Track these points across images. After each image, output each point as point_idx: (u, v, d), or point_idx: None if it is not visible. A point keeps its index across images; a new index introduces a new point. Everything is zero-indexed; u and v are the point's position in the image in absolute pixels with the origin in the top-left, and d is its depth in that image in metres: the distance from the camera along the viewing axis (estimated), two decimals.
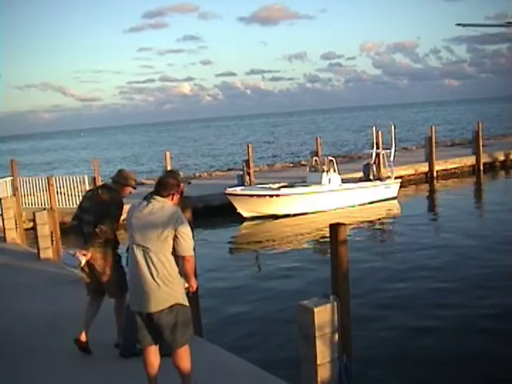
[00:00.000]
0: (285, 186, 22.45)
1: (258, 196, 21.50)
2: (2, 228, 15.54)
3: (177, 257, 5.25)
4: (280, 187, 22.23)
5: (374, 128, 26.32)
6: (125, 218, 5.69)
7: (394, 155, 24.64)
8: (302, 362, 5.39)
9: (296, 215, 21.66)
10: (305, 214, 21.76)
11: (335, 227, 5.54)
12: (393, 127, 24.31)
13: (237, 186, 23.15)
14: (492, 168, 31.10)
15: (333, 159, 23.02)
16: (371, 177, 24.21)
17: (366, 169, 24.52)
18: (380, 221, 21.34)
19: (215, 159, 55.80)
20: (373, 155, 25.41)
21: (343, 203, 22.55)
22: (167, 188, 5.38)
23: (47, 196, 18.66)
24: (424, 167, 28.85)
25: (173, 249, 5.20)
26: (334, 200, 22.33)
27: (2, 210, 15.34)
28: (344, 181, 23.15)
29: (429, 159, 28.70)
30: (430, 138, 28.74)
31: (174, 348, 5.36)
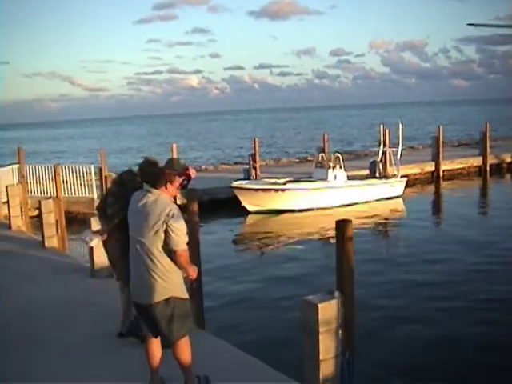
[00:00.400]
0: (290, 181, 22.42)
1: (264, 190, 21.47)
2: (8, 215, 15.59)
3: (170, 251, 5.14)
4: (286, 182, 22.22)
5: (382, 126, 26.28)
6: None
7: (401, 154, 24.59)
8: (305, 357, 5.38)
9: (301, 211, 21.65)
10: (310, 210, 21.74)
11: (342, 224, 5.53)
12: (400, 125, 24.25)
13: (243, 180, 23.15)
14: (498, 169, 30.98)
15: (339, 156, 22.97)
16: (377, 174, 24.14)
17: (373, 166, 24.45)
18: (385, 219, 21.34)
19: (221, 152, 55.75)
20: (379, 153, 25.40)
21: (348, 200, 22.49)
22: (159, 179, 5.27)
23: (53, 185, 18.67)
24: (430, 166, 28.78)
25: (165, 243, 5.09)
26: (340, 197, 22.29)
27: (8, 198, 15.38)
28: (350, 178, 23.11)
29: (435, 159, 28.66)
30: (437, 138, 28.68)
31: (172, 341, 5.33)
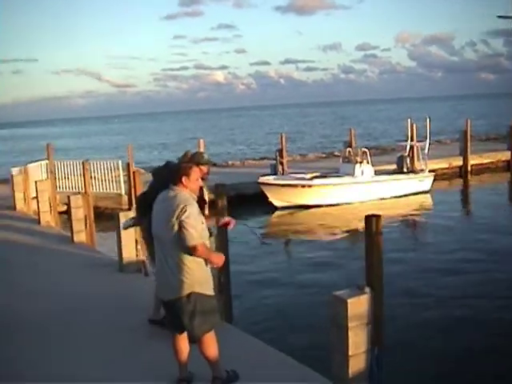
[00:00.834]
0: (317, 177, 22.36)
1: (291, 186, 21.44)
2: (37, 211, 15.77)
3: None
4: (313, 177, 22.15)
5: (409, 120, 26.04)
6: None
7: (429, 148, 24.36)
8: (334, 353, 5.35)
9: (328, 206, 21.57)
10: (337, 205, 21.66)
11: (371, 219, 5.48)
12: (428, 120, 24.00)
13: (269, 175, 23.14)
14: None
15: (366, 151, 22.86)
16: (405, 169, 23.91)
17: (400, 161, 24.23)
18: (412, 214, 21.12)
19: (248, 148, 55.78)
20: (407, 148, 25.19)
21: (376, 195, 22.34)
22: (175, 175, 5.26)
23: (81, 180, 18.82)
24: (458, 161, 28.37)
25: (181, 239, 5.03)
26: (367, 192, 22.13)
27: (37, 193, 15.56)
28: (377, 173, 22.98)
29: (463, 153, 28.28)
30: (465, 132, 28.31)
31: (195, 336, 5.33)
